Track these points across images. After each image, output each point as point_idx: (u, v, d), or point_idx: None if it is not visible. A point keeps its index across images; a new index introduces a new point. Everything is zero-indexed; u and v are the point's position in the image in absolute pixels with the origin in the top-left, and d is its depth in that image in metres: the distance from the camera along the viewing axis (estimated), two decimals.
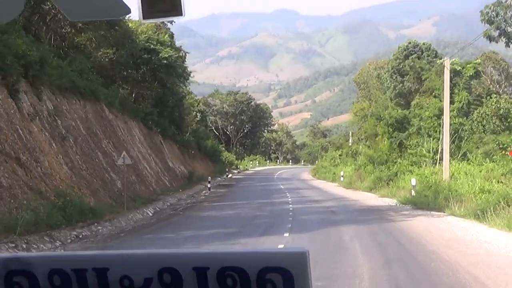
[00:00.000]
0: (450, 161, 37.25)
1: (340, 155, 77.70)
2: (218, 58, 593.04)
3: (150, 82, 59.64)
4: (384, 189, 42.60)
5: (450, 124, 38.47)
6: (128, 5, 2.58)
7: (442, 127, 43.69)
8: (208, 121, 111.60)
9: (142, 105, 58.76)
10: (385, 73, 77.00)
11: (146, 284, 1.78)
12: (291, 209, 31.97)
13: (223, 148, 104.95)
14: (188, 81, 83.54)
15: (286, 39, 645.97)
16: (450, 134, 38.90)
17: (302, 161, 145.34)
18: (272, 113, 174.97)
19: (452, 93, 44.04)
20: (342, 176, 59.24)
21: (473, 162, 40.48)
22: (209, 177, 54.57)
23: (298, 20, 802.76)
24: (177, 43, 74.88)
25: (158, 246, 18.18)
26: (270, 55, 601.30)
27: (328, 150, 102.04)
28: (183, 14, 2.58)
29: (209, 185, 52.22)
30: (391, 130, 51.34)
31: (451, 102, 42.67)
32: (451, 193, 29.85)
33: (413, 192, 35.12)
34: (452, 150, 40.99)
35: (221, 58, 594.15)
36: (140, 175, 44.14)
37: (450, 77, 54.85)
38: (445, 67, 35.43)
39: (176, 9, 2.57)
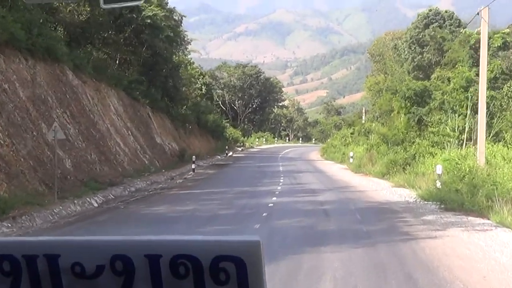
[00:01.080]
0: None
1: (352, 134, 70.29)
2: (235, 35, 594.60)
3: (136, 46, 52.68)
4: (399, 176, 34.50)
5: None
6: None
7: (470, 101, 36.76)
8: (214, 95, 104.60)
9: (127, 72, 51.92)
10: (402, 44, 70.74)
11: (98, 271, 1.70)
12: (271, 205, 23.89)
13: (228, 124, 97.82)
14: (188, 50, 77.07)
15: (304, 16, 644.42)
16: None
17: (314, 139, 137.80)
18: (285, 89, 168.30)
19: (477, 65, 36.56)
20: (352, 157, 51.66)
21: (510, 145, 32.88)
22: (194, 157, 47.32)
23: None
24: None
25: None
26: (287, 32, 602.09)
27: (341, 128, 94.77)
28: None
29: (193, 166, 45.14)
30: (408, 104, 43.26)
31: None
32: (496, 188, 20.89)
33: (438, 184, 26.31)
34: None
35: (238, 34, 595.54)
36: (106, 152, 37.05)
37: (475, 48, 47.88)
38: (482, 19, 27.42)
39: None
